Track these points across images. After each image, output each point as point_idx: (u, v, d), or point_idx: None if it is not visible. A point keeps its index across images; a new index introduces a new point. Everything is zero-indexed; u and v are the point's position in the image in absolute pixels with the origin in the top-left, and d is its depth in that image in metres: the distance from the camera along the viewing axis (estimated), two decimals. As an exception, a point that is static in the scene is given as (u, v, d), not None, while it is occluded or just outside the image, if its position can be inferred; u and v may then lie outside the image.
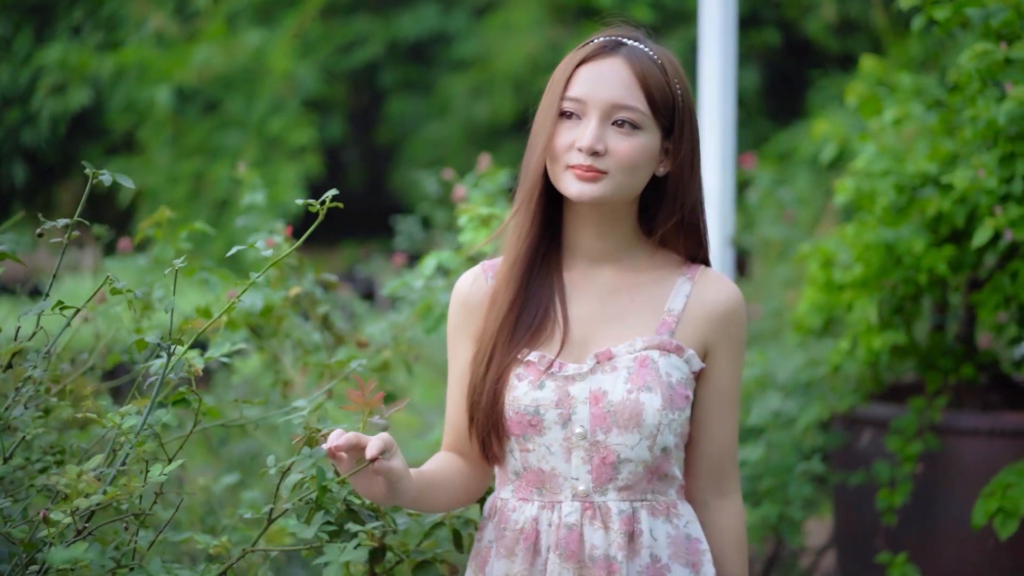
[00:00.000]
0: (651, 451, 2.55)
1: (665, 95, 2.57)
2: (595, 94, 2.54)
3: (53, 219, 2.47)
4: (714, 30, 5.07)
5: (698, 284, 2.66)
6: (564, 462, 2.58)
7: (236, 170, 4.03)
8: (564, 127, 2.56)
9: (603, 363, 2.58)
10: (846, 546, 4.53)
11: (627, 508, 2.57)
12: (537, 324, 2.62)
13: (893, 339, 4.18)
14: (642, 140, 2.55)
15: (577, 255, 2.68)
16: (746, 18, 11.63)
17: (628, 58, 2.56)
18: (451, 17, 13.03)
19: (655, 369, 2.56)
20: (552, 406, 2.56)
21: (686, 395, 2.59)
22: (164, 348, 2.29)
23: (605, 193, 2.55)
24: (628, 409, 2.54)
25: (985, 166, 3.81)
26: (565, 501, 2.58)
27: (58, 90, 11.74)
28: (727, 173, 5.08)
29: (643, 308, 2.64)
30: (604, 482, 2.56)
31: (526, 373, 2.59)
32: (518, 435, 2.59)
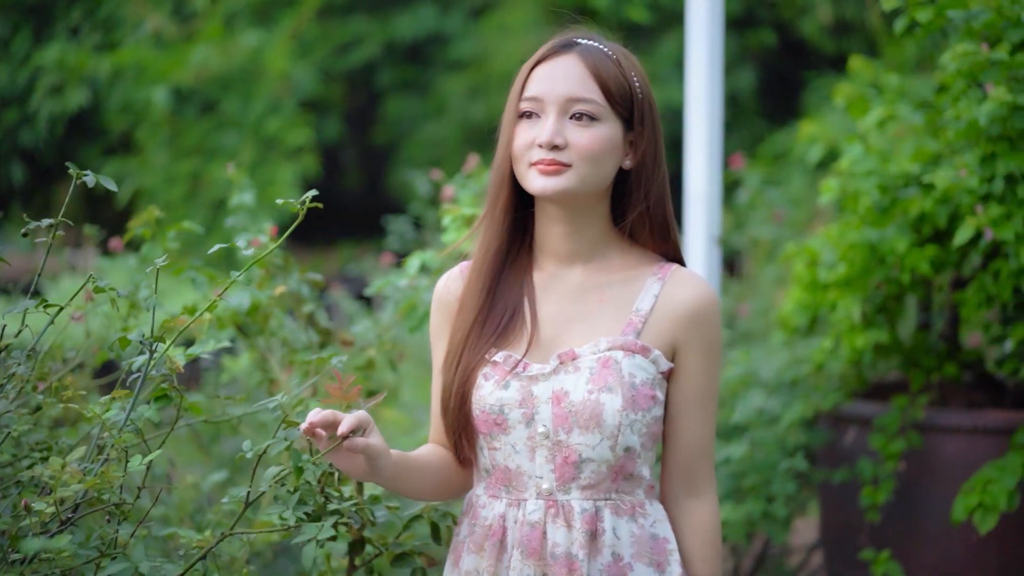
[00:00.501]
0: (613, 451, 2.58)
1: (621, 86, 2.61)
2: (550, 91, 2.59)
3: (51, 219, 2.51)
4: (701, 29, 5.10)
5: (668, 284, 2.67)
6: (529, 461, 2.61)
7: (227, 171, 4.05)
8: (524, 127, 2.62)
9: (567, 363, 2.61)
10: (832, 544, 4.57)
11: (590, 507, 2.59)
12: (505, 324, 2.66)
13: (876, 338, 4.22)
14: (601, 131, 2.60)
15: (548, 255, 2.71)
16: (741, 19, 11.66)
17: (581, 54, 2.61)
18: (448, 18, 13.05)
19: (617, 370, 2.58)
20: (516, 405, 2.60)
21: (652, 395, 2.60)
22: (146, 345, 2.34)
23: (568, 186, 2.59)
24: (588, 409, 2.57)
25: (967, 166, 3.85)
26: (530, 499, 2.62)
27: (56, 91, 11.76)
28: (714, 173, 5.11)
29: (611, 308, 2.66)
30: (567, 481, 2.59)
31: (492, 373, 2.63)
32: (485, 433, 2.63)
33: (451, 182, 4.36)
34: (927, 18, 3.93)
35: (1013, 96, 3.66)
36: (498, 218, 2.69)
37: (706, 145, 5.08)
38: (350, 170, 14.93)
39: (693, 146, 5.10)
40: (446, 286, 2.77)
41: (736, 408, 4.59)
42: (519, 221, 2.71)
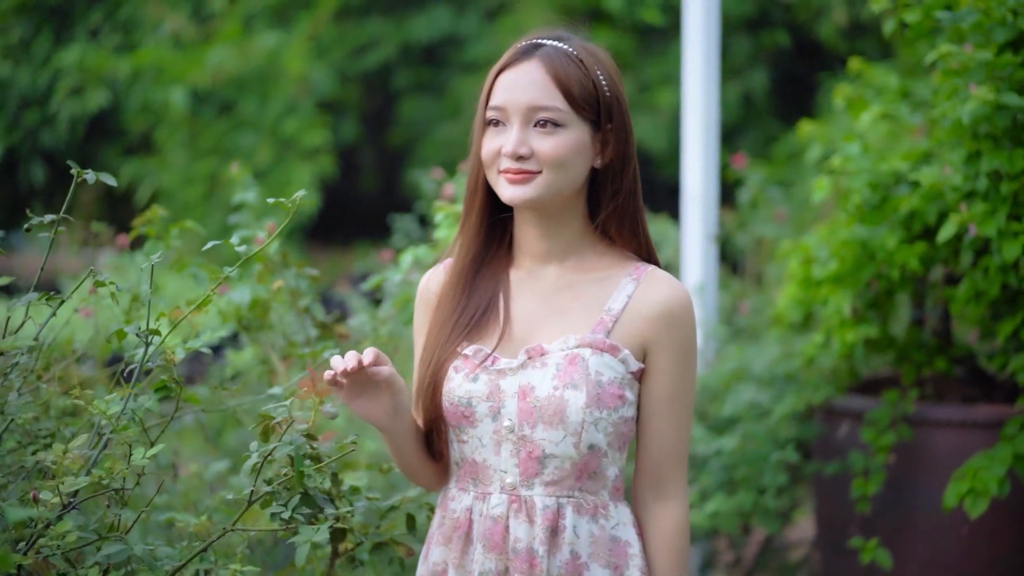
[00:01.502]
0: (576, 448, 2.59)
1: (585, 88, 2.61)
2: (513, 100, 2.60)
3: (72, 219, 2.61)
4: (698, 28, 5.18)
5: (642, 284, 2.67)
6: (494, 455, 2.64)
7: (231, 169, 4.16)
8: (491, 135, 2.64)
9: (535, 359, 2.63)
10: (826, 535, 4.66)
11: (552, 503, 2.61)
12: (478, 319, 2.69)
13: (866, 333, 4.30)
14: (566, 137, 2.60)
15: (524, 254, 2.73)
16: (755, 20, 11.71)
17: (543, 59, 2.60)
18: (463, 19, 13.11)
19: (584, 367, 2.59)
20: (483, 399, 2.62)
21: (619, 395, 2.61)
22: (142, 337, 2.44)
23: (536, 194, 2.61)
24: (552, 405, 2.58)
25: (952, 164, 3.93)
26: (494, 493, 2.64)
27: (76, 92, 11.88)
28: (710, 172, 5.20)
29: (583, 307, 2.67)
30: (531, 476, 2.61)
31: (463, 365, 2.65)
32: (454, 426, 2.66)
33: (452, 180, 4.46)
34: (915, 19, 4.01)
35: (996, 95, 3.74)
36: (474, 222, 2.72)
37: (702, 144, 5.17)
38: (367, 171, 15.04)
39: (690, 145, 5.19)
40: (427, 283, 2.80)
41: (727, 401, 4.69)
42: (499, 221, 2.74)
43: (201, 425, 4.34)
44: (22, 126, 12.23)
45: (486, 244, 2.74)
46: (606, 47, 2.72)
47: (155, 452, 2.40)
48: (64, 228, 2.63)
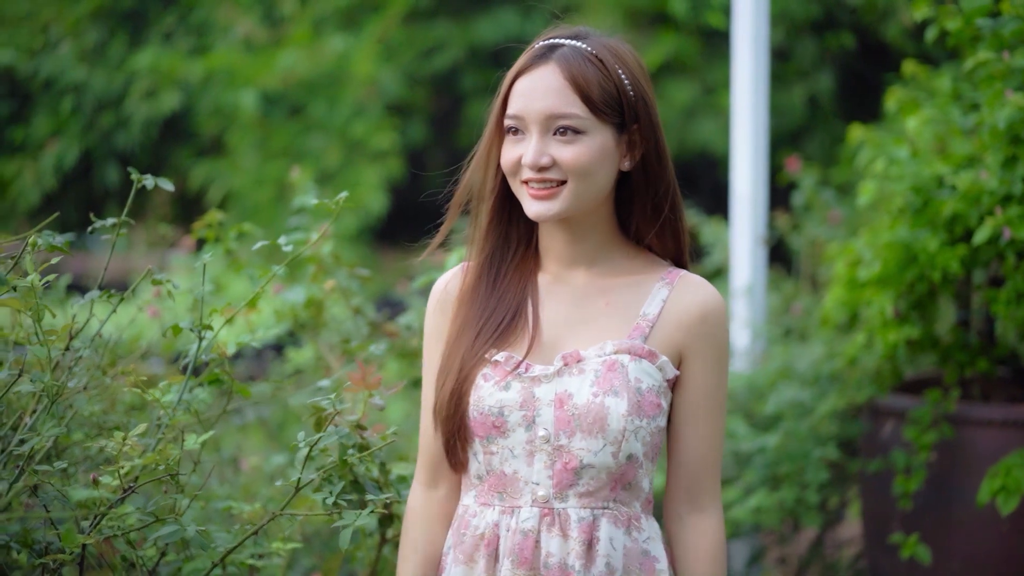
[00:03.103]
0: (615, 458, 2.50)
1: (605, 91, 2.50)
2: (530, 109, 2.50)
3: (146, 221, 2.77)
4: (746, 31, 5.28)
5: (676, 289, 2.58)
6: (526, 466, 2.53)
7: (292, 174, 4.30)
8: (510, 142, 2.54)
9: (571, 365, 2.53)
10: (872, 532, 4.75)
11: (587, 516, 2.51)
12: (506, 325, 2.58)
13: (908, 334, 4.39)
14: (588, 144, 2.50)
15: (551, 258, 2.64)
16: (821, 22, 11.73)
17: (560, 63, 2.51)
18: (529, 22, 13.17)
19: (623, 373, 2.50)
20: (517, 407, 2.52)
21: (657, 403, 2.53)
22: (196, 332, 2.60)
23: (563, 208, 2.52)
24: (593, 413, 2.49)
25: (989, 168, 4.02)
26: (524, 506, 2.53)
27: (150, 95, 12.08)
28: (759, 173, 5.30)
29: (617, 312, 2.58)
30: (565, 488, 2.51)
31: (493, 373, 2.55)
32: (482, 437, 2.55)
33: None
34: (956, 27, 4.09)
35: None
36: (485, 222, 2.63)
37: (751, 147, 5.27)
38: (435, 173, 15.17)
39: (739, 148, 5.29)
40: (445, 286, 2.70)
41: (770, 399, 4.80)
42: (522, 223, 2.64)
43: (263, 421, 4.50)
44: (97, 128, 12.45)
45: (503, 245, 2.64)
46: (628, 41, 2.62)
47: (206, 438, 2.55)
48: (127, 230, 2.78)
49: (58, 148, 12.40)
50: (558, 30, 2.61)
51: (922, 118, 4.67)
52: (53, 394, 2.45)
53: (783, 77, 11.56)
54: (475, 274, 2.65)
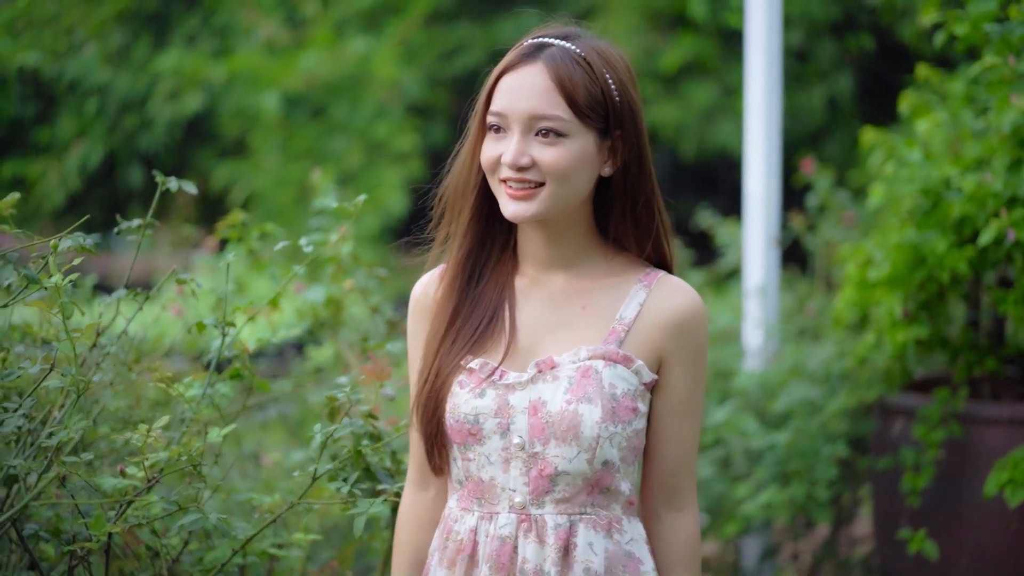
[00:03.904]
0: (590, 464, 2.48)
1: (591, 94, 2.47)
2: (513, 107, 2.47)
3: (170, 222, 2.87)
4: (759, 33, 5.36)
5: (654, 292, 2.56)
6: (502, 472, 2.51)
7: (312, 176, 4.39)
8: (491, 140, 2.51)
9: (545, 372, 2.50)
10: (882, 528, 4.82)
11: (564, 522, 2.50)
12: (482, 330, 2.55)
13: (917, 333, 4.46)
14: (569, 147, 2.47)
15: (528, 261, 2.60)
16: (840, 23, 11.76)
17: (547, 63, 2.47)
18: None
19: (598, 380, 2.48)
20: (491, 415, 2.50)
21: (633, 407, 2.50)
22: (219, 329, 2.70)
23: (540, 209, 2.49)
24: (566, 420, 2.46)
25: (994, 171, 4.09)
26: (502, 512, 2.52)
27: (173, 96, 12.18)
28: (772, 176, 5.37)
29: (593, 316, 2.55)
30: (541, 494, 2.50)
31: (468, 380, 2.53)
32: (459, 444, 2.54)
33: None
34: (964, 32, 4.16)
35: (1038, 106, 3.89)
36: (465, 220, 2.58)
37: (764, 148, 5.35)
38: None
39: (752, 150, 5.37)
40: (424, 289, 2.65)
41: (781, 397, 4.88)
42: (500, 224, 2.60)
43: (284, 419, 4.60)
44: (121, 130, 12.55)
45: (481, 245, 2.60)
46: (617, 46, 2.60)
47: (227, 431, 2.64)
48: (152, 232, 2.87)
49: (83, 149, 12.51)
50: (548, 29, 2.57)
51: (933, 121, 4.74)
52: (81, 389, 2.55)
53: (803, 78, 11.61)
54: (452, 276, 2.60)
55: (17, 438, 2.66)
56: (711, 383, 5.38)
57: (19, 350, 2.86)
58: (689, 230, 7.63)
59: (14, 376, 2.51)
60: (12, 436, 2.63)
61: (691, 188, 12.22)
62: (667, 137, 11.82)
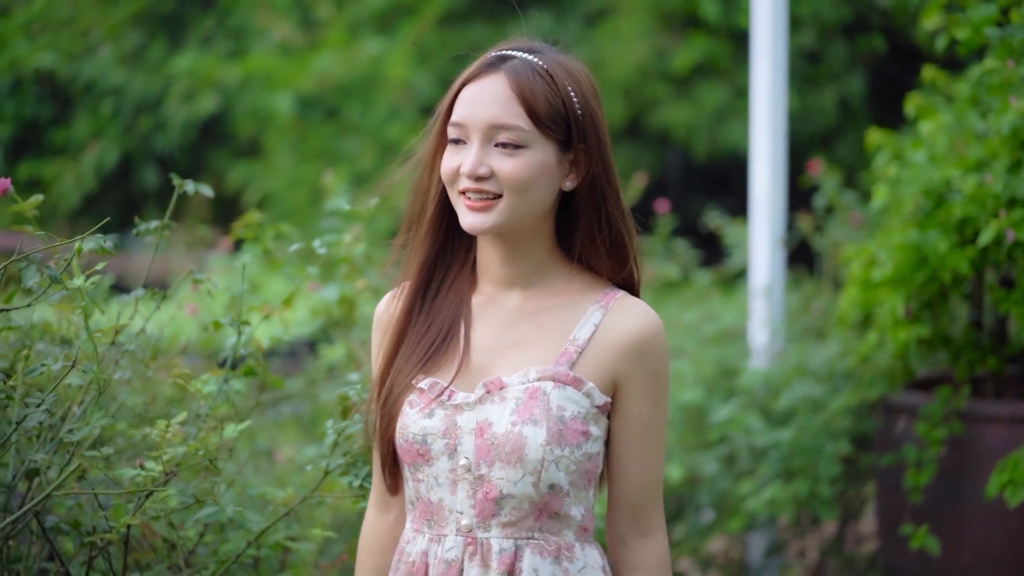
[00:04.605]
0: (536, 488, 2.42)
1: (552, 106, 2.43)
2: (473, 117, 2.43)
3: (185, 222, 2.96)
4: (765, 34, 5.42)
5: (610, 313, 2.50)
6: (450, 494, 2.47)
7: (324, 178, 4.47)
8: (451, 151, 2.46)
9: (493, 393, 2.46)
10: (886, 525, 4.89)
11: (509, 546, 2.44)
12: (435, 349, 2.52)
13: (919, 333, 4.52)
14: (528, 158, 2.42)
15: (487, 279, 2.56)
16: (852, 24, 11.81)
17: (508, 73, 2.44)
18: (563, 26, 13.28)
19: (545, 401, 2.42)
20: (439, 435, 2.45)
21: (583, 431, 2.44)
22: (235, 327, 2.78)
23: (498, 222, 2.44)
24: (511, 442, 2.41)
25: (994, 173, 4.16)
26: (449, 535, 2.47)
27: (188, 97, 12.28)
28: (778, 177, 5.44)
29: (546, 337, 2.49)
30: (487, 517, 2.44)
31: (418, 400, 2.49)
32: (409, 464, 2.50)
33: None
34: (965, 36, 4.22)
35: (1036, 108, 3.96)
36: (424, 233, 2.55)
37: (770, 150, 5.42)
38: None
39: (758, 149, 5.44)
40: (385, 307, 2.62)
41: (784, 395, 4.96)
42: (461, 240, 2.57)
43: (297, 417, 4.69)
44: (136, 131, 12.66)
45: (439, 260, 2.56)
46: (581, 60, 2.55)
47: (243, 427, 2.72)
48: (169, 232, 2.96)
49: (98, 150, 12.62)
50: (513, 42, 2.53)
51: (937, 123, 4.80)
52: (102, 386, 2.64)
53: (814, 79, 11.67)
54: (410, 293, 2.57)
55: (39, 433, 2.75)
56: (715, 381, 5.45)
57: (40, 348, 2.94)
58: (698, 230, 7.70)
59: (36, 373, 2.59)
60: (34, 431, 2.72)
61: (703, 189, 12.28)
62: (679, 138, 11.88)
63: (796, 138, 10.63)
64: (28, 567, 2.77)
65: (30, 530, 2.78)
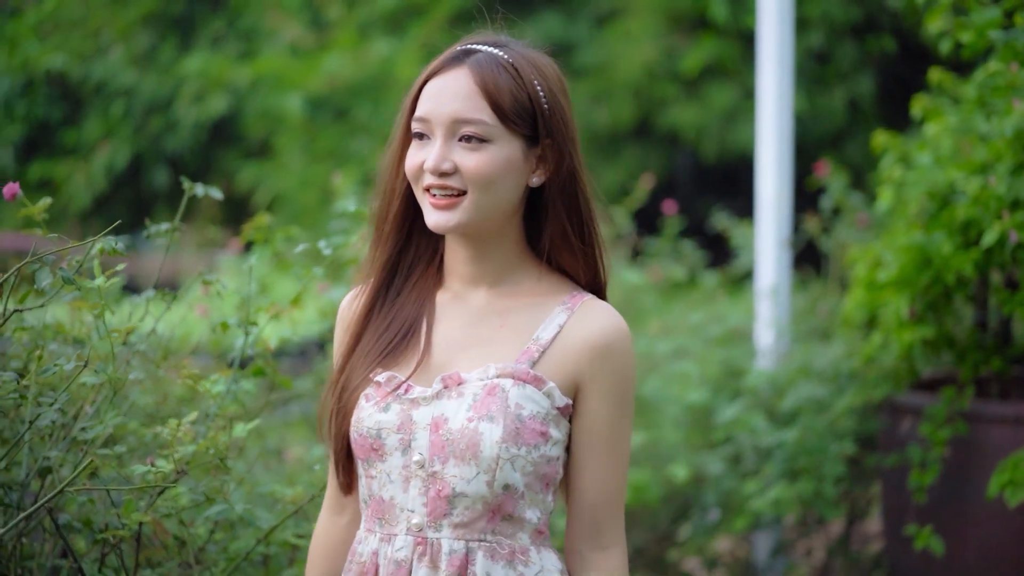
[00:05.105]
0: (490, 487, 2.35)
1: (517, 100, 2.38)
2: (436, 111, 2.38)
3: (196, 223, 3.01)
4: (771, 36, 5.45)
5: (576, 315, 2.44)
6: (402, 492, 2.40)
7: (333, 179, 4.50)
8: (415, 147, 2.41)
9: (451, 388, 2.40)
10: (891, 525, 4.92)
11: (460, 548, 2.37)
12: (395, 344, 2.46)
13: (923, 334, 4.56)
14: (493, 153, 2.38)
15: (454, 277, 2.51)
16: (861, 25, 11.83)
17: (472, 67, 2.39)
18: (573, 26, 13.31)
19: (503, 399, 2.36)
20: (394, 430, 2.39)
21: (541, 431, 2.37)
22: (242, 328, 2.82)
23: (463, 220, 2.39)
24: (466, 438, 2.35)
25: (998, 175, 4.19)
26: (400, 535, 2.41)
27: (199, 98, 12.33)
28: (784, 179, 5.48)
29: (510, 335, 2.44)
30: (439, 516, 2.38)
31: (374, 394, 2.43)
32: (363, 459, 2.44)
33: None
34: (970, 39, 4.25)
35: (1039, 112, 3.99)
36: (388, 231, 2.51)
37: (775, 152, 5.45)
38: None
39: (764, 150, 5.48)
40: (349, 303, 2.57)
41: (788, 396, 5.00)
42: (428, 239, 2.52)
43: (307, 417, 4.72)
44: (147, 132, 12.72)
45: (402, 257, 2.52)
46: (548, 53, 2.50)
47: (252, 426, 2.77)
48: (179, 234, 3.00)
49: (109, 151, 12.68)
50: (479, 36, 2.50)
51: (942, 125, 4.83)
52: (116, 386, 2.68)
53: (823, 80, 11.69)
54: (372, 291, 2.52)
55: (51, 432, 2.80)
56: (721, 381, 5.49)
57: (53, 348, 2.98)
58: (705, 231, 7.74)
59: (49, 373, 2.63)
60: (47, 430, 2.76)
61: (712, 189, 12.32)
62: (688, 139, 11.92)
63: (805, 139, 10.66)
64: (41, 564, 2.81)
65: (43, 527, 2.82)
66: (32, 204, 2.80)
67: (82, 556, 2.87)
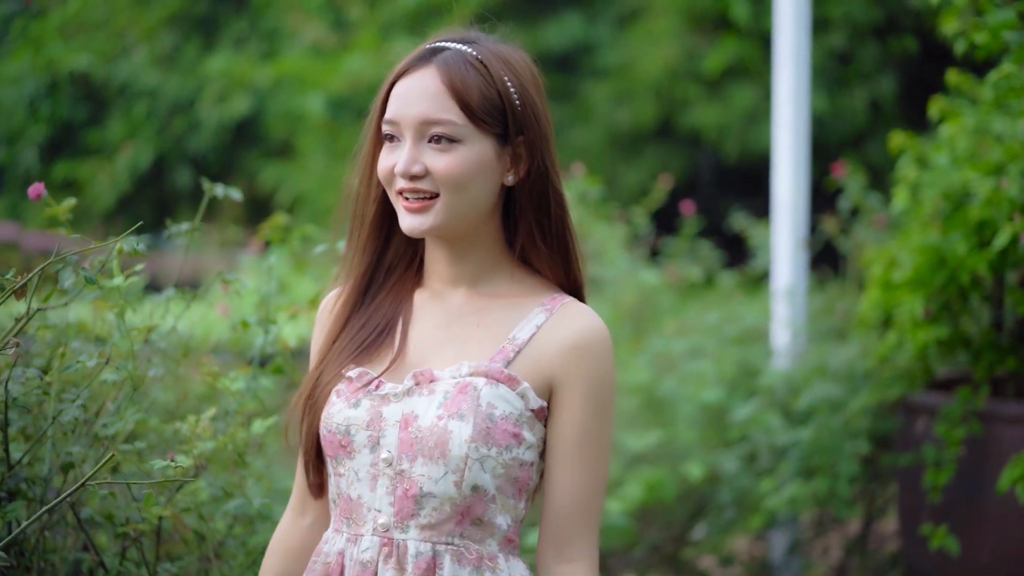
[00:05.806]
0: (458, 487, 2.28)
1: (487, 98, 2.32)
2: (404, 113, 2.33)
3: (218, 222, 3.06)
4: (787, 37, 5.48)
5: (554, 317, 2.37)
6: (369, 491, 2.34)
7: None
8: (386, 150, 2.37)
9: (422, 385, 2.34)
10: (907, 524, 4.95)
11: (427, 550, 2.30)
12: (370, 342, 2.41)
13: (938, 334, 4.58)
14: (463, 153, 2.32)
15: (433, 276, 2.46)
16: (882, 26, 11.83)
17: (439, 66, 2.34)
18: (594, 27, 13.33)
19: (475, 397, 2.29)
20: (363, 426, 2.33)
21: (514, 433, 2.31)
22: (262, 326, 2.88)
23: (437, 222, 2.34)
24: (435, 436, 2.28)
25: (1010, 176, 4.22)
26: (366, 535, 2.34)
27: (221, 99, 12.40)
28: (800, 180, 5.51)
29: (486, 334, 2.38)
30: (406, 517, 2.31)
31: (345, 389, 2.37)
32: (332, 456, 2.38)
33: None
34: (984, 40, 4.28)
35: (1051, 114, 4.02)
36: (363, 235, 2.47)
37: (792, 153, 5.48)
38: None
39: (780, 151, 5.51)
40: (327, 304, 2.53)
41: (804, 395, 5.03)
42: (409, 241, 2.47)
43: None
44: (170, 132, 12.79)
45: (380, 262, 2.47)
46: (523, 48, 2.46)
47: (270, 423, 2.81)
48: (200, 234, 3.05)
49: (132, 151, 12.76)
50: (449, 33, 2.45)
51: (958, 126, 4.85)
52: (137, 383, 2.73)
53: (845, 81, 11.69)
54: (350, 296, 2.48)
55: (74, 428, 2.84)
56: (737, 380, 5.52)
57: (75, 346, 3.03)
58: (724, 232, 7.76)
59: (72, 370, 2.68)
60: (69, 426, 2.81)
61: (733, 190, 12.33)
62: (709, 139, 11.93)
63: (826, 139, 10.66)
64: (63, 557, 2.86)
65: (65, 521, 2.87)
66: (56, 204, 2.85)
67: (103, 550, 2.91)
